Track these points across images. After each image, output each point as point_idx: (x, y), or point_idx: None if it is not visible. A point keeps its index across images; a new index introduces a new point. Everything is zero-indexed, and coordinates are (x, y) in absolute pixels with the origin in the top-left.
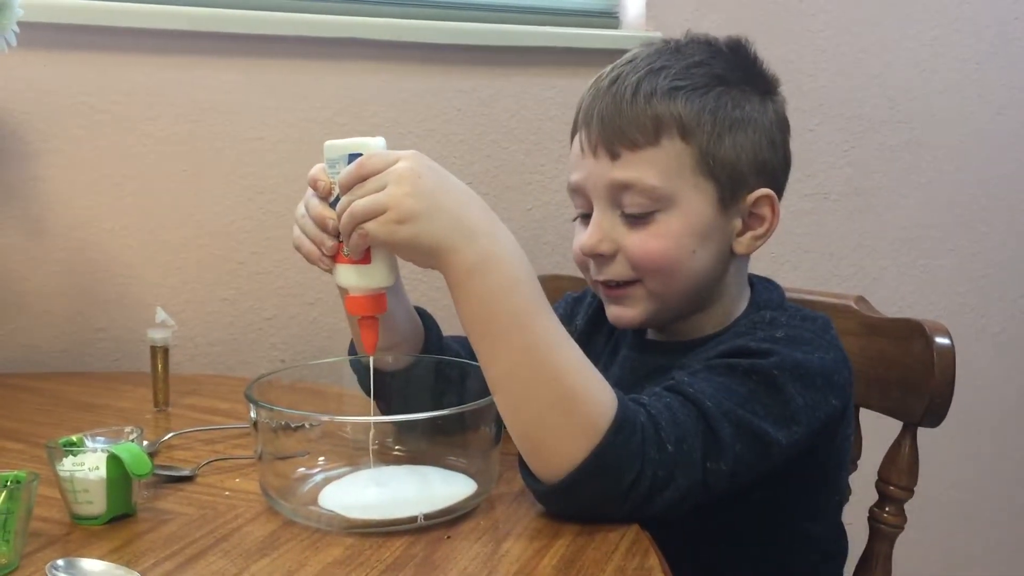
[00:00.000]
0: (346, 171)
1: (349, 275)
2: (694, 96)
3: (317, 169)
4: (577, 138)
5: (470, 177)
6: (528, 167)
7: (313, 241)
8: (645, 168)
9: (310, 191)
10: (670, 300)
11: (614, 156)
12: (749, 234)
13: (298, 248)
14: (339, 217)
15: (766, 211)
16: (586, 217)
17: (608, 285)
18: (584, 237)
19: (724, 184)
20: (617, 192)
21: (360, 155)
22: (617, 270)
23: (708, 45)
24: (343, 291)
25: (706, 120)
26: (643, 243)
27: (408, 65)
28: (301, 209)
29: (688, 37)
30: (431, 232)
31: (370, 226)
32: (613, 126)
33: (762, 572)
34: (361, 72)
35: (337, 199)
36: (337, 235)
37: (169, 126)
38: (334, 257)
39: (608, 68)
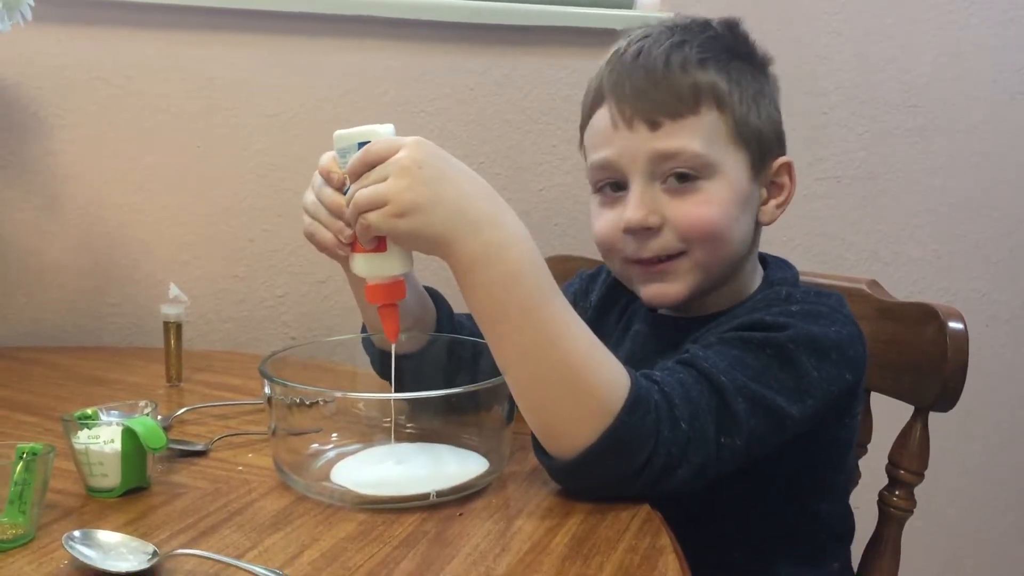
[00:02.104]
0: (353, 159)
1: (366, 264)
2: (720, 67)
3: (328, 160)
4: (602, 113)
5: (482, 157)
6: (541, 147)
7: (331, 230)
8: (688, 136)
9: (318, 180)
10: (713, 270)
11: (654, 126)
12: (772, 202)
13: (311, 237)
14: (348, 205)
15: (785, 179)
16: (614, 194)
17: (650, 262)
18: (628, 211)
19: (754, 152)
20: (659, 162)
21: (369, 143)
22: (663, 243)
23: (708, 24)
24: (354, 282)
25: (734, 90)
26: (691, 211)
27: (422, 44)
28: (310, 197)
29: (685, 17)
30: (432, 224)
31: (372, 217)
32: (650, 97)
33: (769, 550)
34: (375, 50)
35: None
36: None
37: (183, 102)
38: (352, 246)
39: (623, 43)
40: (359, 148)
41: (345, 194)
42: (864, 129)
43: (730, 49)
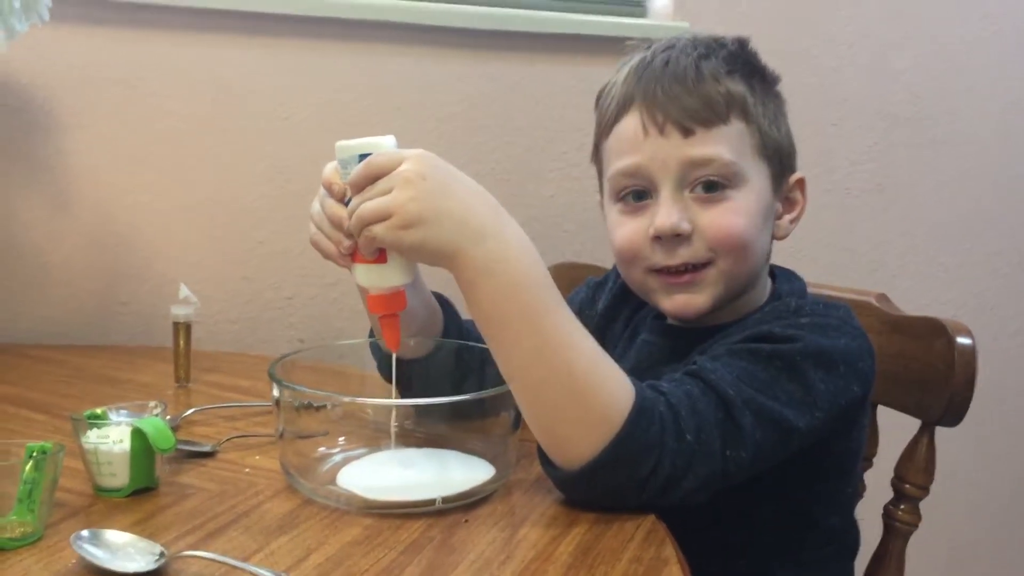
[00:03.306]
0: (355, 171)
1: (367, 274)
2: (745, 81)
3: (330, 171)
4: (629, 121)
5: (492, 163)
6: (551, 154)
7: (331, 240)
8: (721, 144)
9: (323, 189)
10: (737, 281)
11: (687, 133)
12: (786, 217)
13: (315, 246)
14: (350, 218)
15: (798, 195)
16: (637, 203)
17: (677, 271)
18: (659, 218)
19: (775, 166)
20: (690, 169)
21: (370, 155)
22: (693, 251)
23: (722, 40)
24: (362, 289)
25: (759, 103)
26: (721, 219)
27: (433, 49)
28: (316, 206)
29: (699, 34)
30: (436, 236)
31: (376, 230)
32: (683, 103)
33: (774, 561)
34: (385, 55)
35: (351, 199)
36: (352, 235)
37: (194, 103)
38: (352, 256)
39: (647, 54)
40: (360, 160)
41: (347, 204)
42: (873, 141)
43: (748, 64)
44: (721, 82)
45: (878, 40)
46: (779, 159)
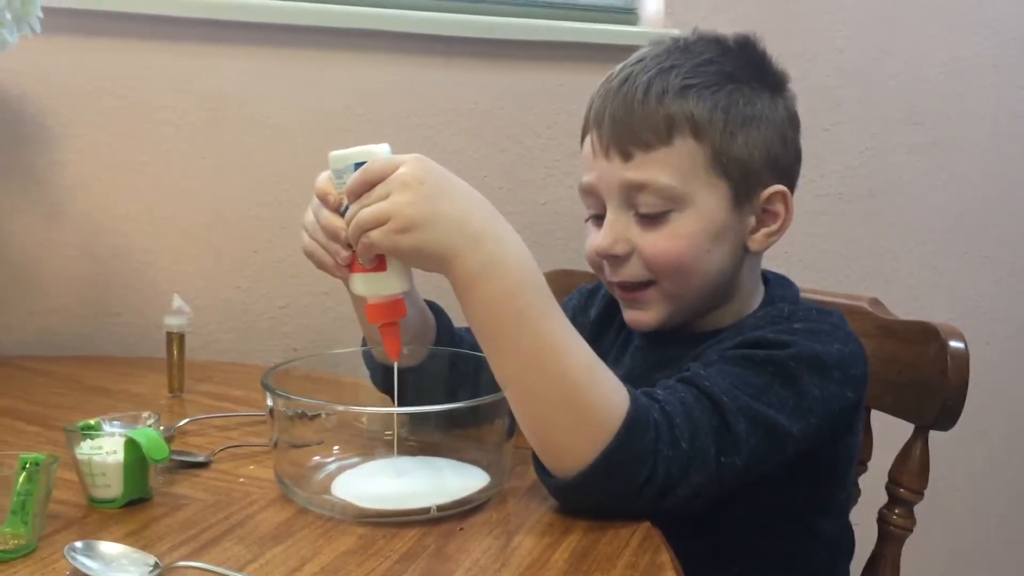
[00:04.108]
0: (352, 179)
1: (366, 283)
2: (705, 94)
3: (323, 181)
4: (588, 139)
5: (484, 171)
6: (543, 162)
7: (329, 252)
8: (658, 168)
9: (316, 200)
10: (685, 300)
11: (627, 157)
12: (763, 231)
13: (310, 256)
14: (348, 226)
15: (779, 207)
16: (599, 218)
17: (623, 287)
18: (598, 239)
19: (738, 182)
20: (631, 192)
21: (366, 163)
22: (632, 271)
23: (717, 43)
24: (356, 298)
25: (718, 118)
26: (658, 243)
27: (425, 57)
28: (309, 217)
29: (696, 35)
30: (434, 239)
31: (374, 235)
32: (625, 127)
33: (769, 566)
34: (378, 63)
35: (347, 208)
36: (349, 245)
37: (187, 113)
38: (350, 266)
39: (618, 68)
40: (356, 168)
41: (343, 214)
42: (866, 146)
43: (727, 73)
44: (665, 103)
45: (870, 45)
46: (743, 174)
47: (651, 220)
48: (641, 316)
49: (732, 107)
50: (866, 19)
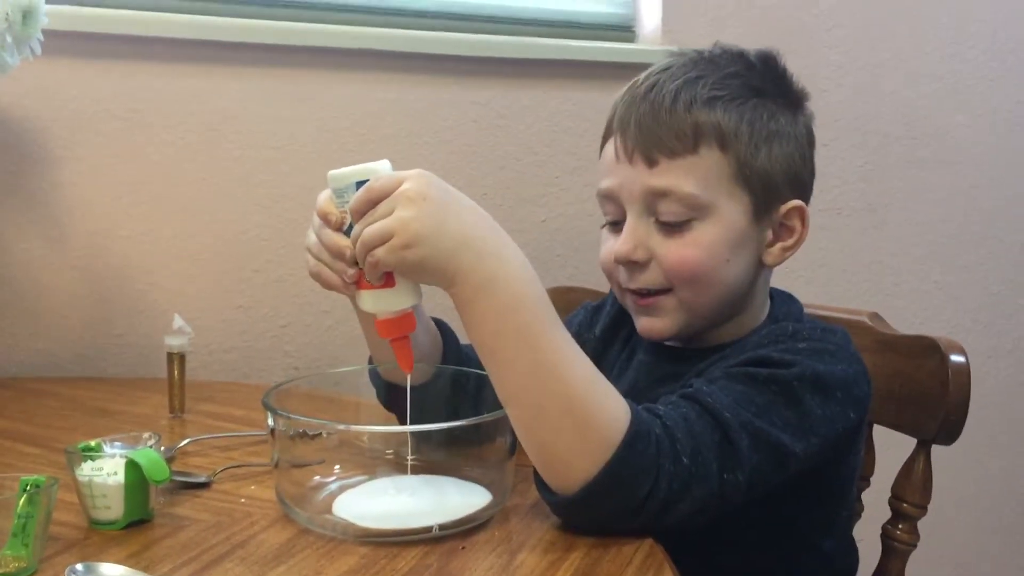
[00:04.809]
0: (355, 198)
1: (374, 300)
2: (732, 106)
3: (324, 201)
4: (610, 144)
5: (484, 188)
6: (542, 179)
7: (335, 271)
8: (683, 176)
9: (318, 220)
10: (701, 310)
11: (651, 163)
12: (779, 245)
13: (316, 277)
14: (354, 245)
15: (796, 223)
16: (616, 224)
17: (639, 295)
18: (618, 244)
19: (759, 195)
20: (653, 199)
21: (367, 181)
22: (650, 278)
23: (741, 57)
24: (363, 315)
25: (744, 131)
26: (678, 251)
27: (424, 76)
28: (312, 238)
29: (720, 48)
30: (438, 254)
31: (379, 252)
32: (651, 133)
33: None
34: (377, 83)
35: (351, 227)
36: (356, 263)
37: (187, 134)
38: (357, 284)
39: (643, 75)
40: (358, 187)
41: (347, 233)
42: (864, 161)
43: (752, 87)
44: (693, 112)
45: (868, 61)
46: (764, 187)
47: (672, 228)
48: (655, 324)
49: (757, 121)
50: (863, 35)
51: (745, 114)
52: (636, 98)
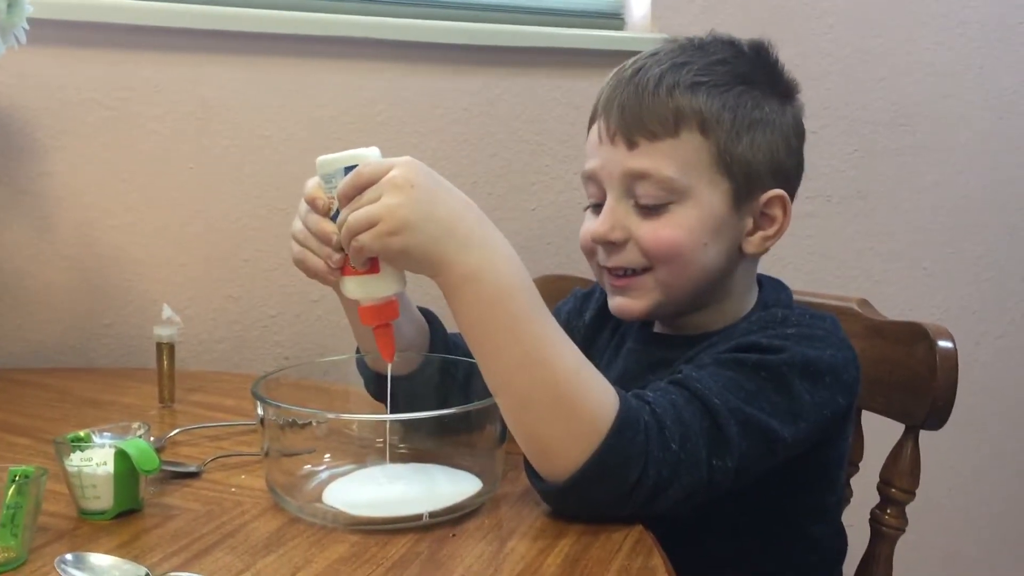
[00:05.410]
0: (343, 183)
1: (359, 286)
2: (715, 93)
3: (313, 187)
4: (595, 126)
5: (475, 177)
6: (533, 167)
7: (319, 256)
8: (662, 159)
9: (304, 207)
10: (677, 292)
11: (631, 145)
12: (759, 234)
13: (300, 264)
14: (340, 230)
15: (777, 212)
16: (598, 207)
17: (615, 274)
18: (596, 224)
19: (739, 182)
20: (632, 181)
21: (356, 167)
22: (628, 258)
23: (732, 45)
24: (347, 304)
25: (726, 117)
26: (656, 231)
27: (414, 65)
28: (298, 225)
29: (712, 36)
30: (424, 242)
31: (364, 238)
32: (633, 115)
33: (761, 570)
34: (367, 71)
35: (339, 213)
36: (341, 248)
37: (176, 123)
38: (342, 270)
39: (631, 60)
40: (346, 172)
41: (333, 219)
42: (854, 148)
43: (739, 74)
44: (675, 97)
45: (858, 48)
46: (745, 175)
47: (650, 210)
48: (629, 304)
49: (740, 108)
50: (852, 22)
51: (728, 101)
52: (622, 81)
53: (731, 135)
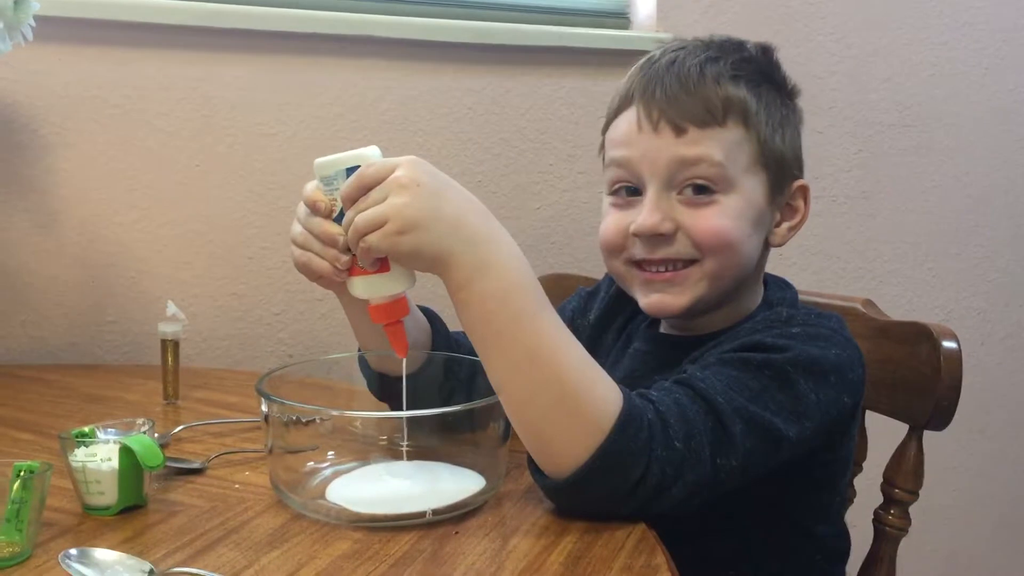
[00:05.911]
0: (347, 184)
1: (368, 286)
2: (751, 87)
3: (312, 190)
4: (627, 116)
5: (479, 175)
6: (537, 166)
7: (326, 259)
8: (713, 145)
9: (302, 211)
10: (722, 283)
11: (680, 132)
12: (785, 225)
13: (303, 268)
14: (347, 231)
15: (800, 202)
16: (625, 198)
17: (657, 269)
18: (642, 216)
19: (775, 174)
20: (679, 169)
21: (358, 167)
22: (677, 249)
23: (742, 45)
24: (349, 306)
25: (762, 111)
26: (708, 220)
27: (419, 63)
28: (298, 229)
29: (720, 37)
30: (431, 240)
31: (372, 238)
32: (680, 102)
33: (765, 569)
34: (372, 69)
35: (342, 215)
36: (348, 250)
37: (181, 121)
38: (350, 271)
39: (658, 52)
40: (348, 174)
41: (336, 221)
42: (858, 149)
43: (762, 72)
44: (722, 86)
45: (862, 48)
46: (780, 168)
47: (695, 201)
48: (671, 300)
49: (772, 104)
50: (857, 23)
51: (763, 95)
52: (659, 70)
53: (768, 128)
